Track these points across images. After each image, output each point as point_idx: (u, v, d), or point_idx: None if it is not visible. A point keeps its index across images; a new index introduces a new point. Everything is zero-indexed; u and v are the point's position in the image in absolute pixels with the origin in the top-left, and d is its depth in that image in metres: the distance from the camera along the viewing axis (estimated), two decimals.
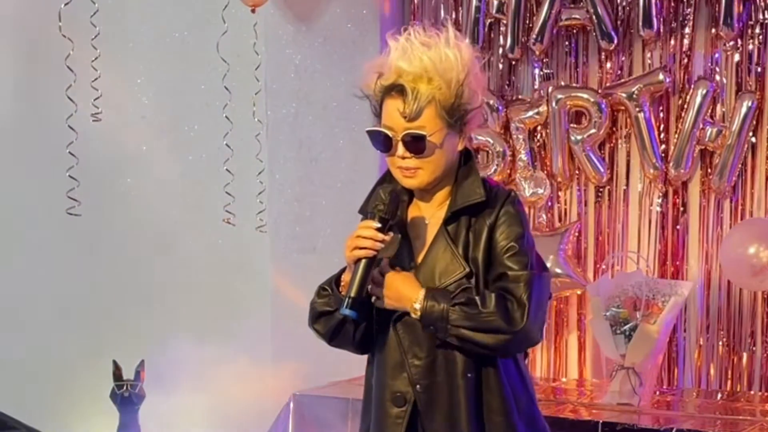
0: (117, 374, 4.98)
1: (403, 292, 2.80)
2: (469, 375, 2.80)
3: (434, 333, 2.78)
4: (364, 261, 2.75)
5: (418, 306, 2.77)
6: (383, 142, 2.81)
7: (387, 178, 2.91)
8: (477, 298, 2.76)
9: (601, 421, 4.24)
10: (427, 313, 2.76)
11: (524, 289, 2.76)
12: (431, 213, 2.88)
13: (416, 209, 2.91)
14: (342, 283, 2.85)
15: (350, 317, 2.77)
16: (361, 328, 2.88)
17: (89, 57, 4.81)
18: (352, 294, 2.74)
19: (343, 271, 2.87)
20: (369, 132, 2.84)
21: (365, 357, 3.00)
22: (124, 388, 4.95)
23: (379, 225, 2.76)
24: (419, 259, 2.85)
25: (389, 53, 2.79)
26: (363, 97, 2.87)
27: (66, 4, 4.77)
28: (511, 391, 2.84)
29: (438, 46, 2.77)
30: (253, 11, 5.10)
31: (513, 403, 2.83)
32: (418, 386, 2.81)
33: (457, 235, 2.82)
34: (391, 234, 2.81)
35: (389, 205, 2.78)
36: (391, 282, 2.81)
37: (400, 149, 2.79)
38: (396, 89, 2.77)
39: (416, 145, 2.77)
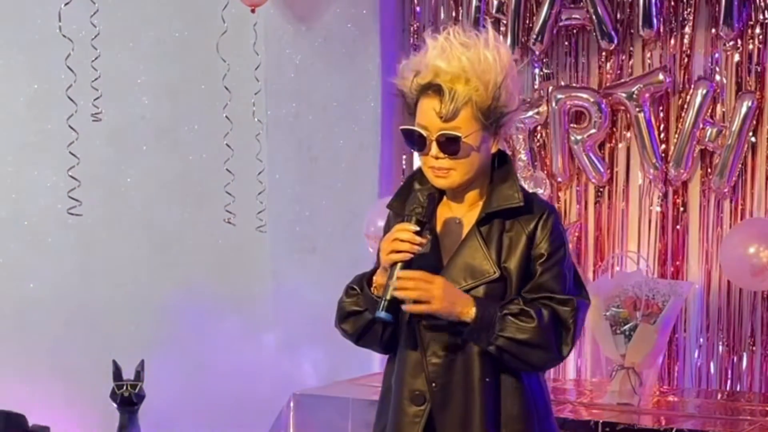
0: (117, 374, 4.98)
1: (457, 296, 2.72)
2: (487, 379, 2.77)
3: (476, 341, 2.73)
4: (400, 264, 2.72)
5: (474, 310, 2.71)
6: (417, 141, 2.77)
7: (419, 174, 2.88)
8: (531, 310, 2.72)
9: (601, 421, 4.23)
10: (481, 319, 2.70)
11: (570, 314, 2.76)
12: (462, 213, 2.84)
13: (447, 209, 2.87)
14: (374, 285, 2.81)
15: (385, 320, 2.73)
16: (390, 329, 2.84)
17: (89, 57, 4.82)
18: (388, 297, 2.71)
19: (371, 272, 2.84)
20: (403, 130, 2.80)
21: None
22: (124, 388, 4.95)
23: (416, 228, 2.72)
24: (447, 259, 2.81)
25: (427, 51, 2.75)
26: (398, 94, 2.83)
27: (66, 4, 4.78)
28: (532, 398, 2.81)
29: (477, 47, 2.73)
30: (252, 11, 5.11)
31: (533, 411, 2.81)
32: (434, 384, 2.78)
33: (490, 238, 2.78)
34: (428, 237, 2.77)
35: (427, 207, 2.75)
36: (444, 284, 2.72)
37: (434, 149, 2.75)
38: (433, 89, 2.73)
39: (451, 146, 2.73)
